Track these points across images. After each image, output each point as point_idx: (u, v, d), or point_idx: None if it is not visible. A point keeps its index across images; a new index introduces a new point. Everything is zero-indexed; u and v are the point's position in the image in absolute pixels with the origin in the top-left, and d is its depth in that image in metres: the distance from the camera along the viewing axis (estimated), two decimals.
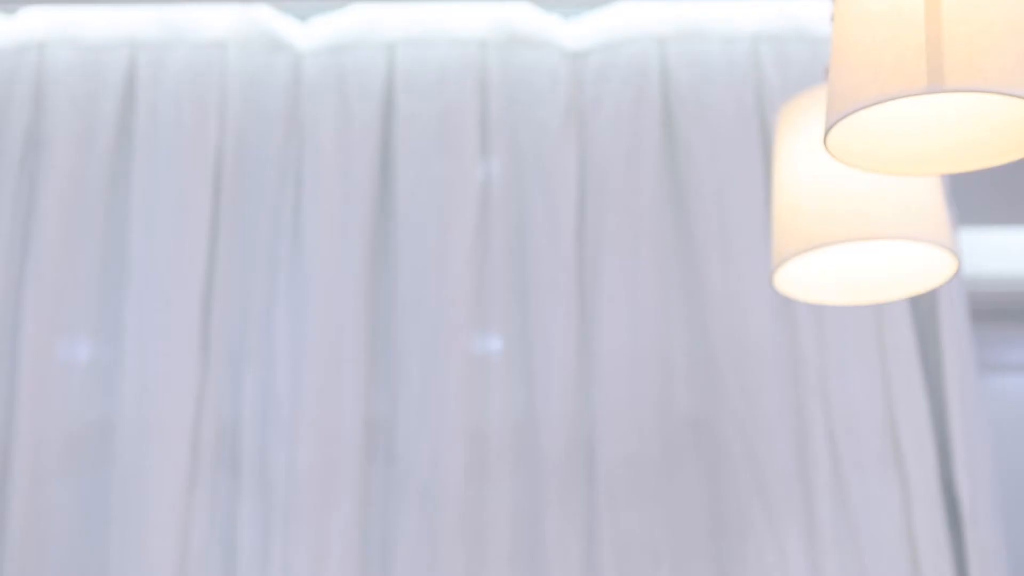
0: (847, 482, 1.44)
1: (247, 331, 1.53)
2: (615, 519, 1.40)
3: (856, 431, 1.49)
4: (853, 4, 0.93)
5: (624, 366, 1.52)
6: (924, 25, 0.88)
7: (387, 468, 1.44)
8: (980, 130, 0.95)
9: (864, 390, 1.51)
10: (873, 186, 1.15)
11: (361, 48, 1.63)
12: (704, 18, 1.67)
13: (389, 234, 1.60)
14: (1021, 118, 0.94)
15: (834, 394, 1.50)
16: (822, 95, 1.17)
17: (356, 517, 1.40)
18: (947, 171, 0.97)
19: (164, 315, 1.52)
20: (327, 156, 1.60)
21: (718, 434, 1.46)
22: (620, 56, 1.64)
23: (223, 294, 1.54)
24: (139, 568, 1.32)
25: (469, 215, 1.60)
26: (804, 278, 1.24)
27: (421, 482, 1.42)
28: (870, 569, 1.35)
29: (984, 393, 1.61)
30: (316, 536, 1.37)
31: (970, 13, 0.88)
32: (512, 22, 1.66)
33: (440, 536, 1.38)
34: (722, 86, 1.65)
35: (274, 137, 1.62)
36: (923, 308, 1.58)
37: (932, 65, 0.86)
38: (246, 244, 1.59)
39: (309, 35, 1.67)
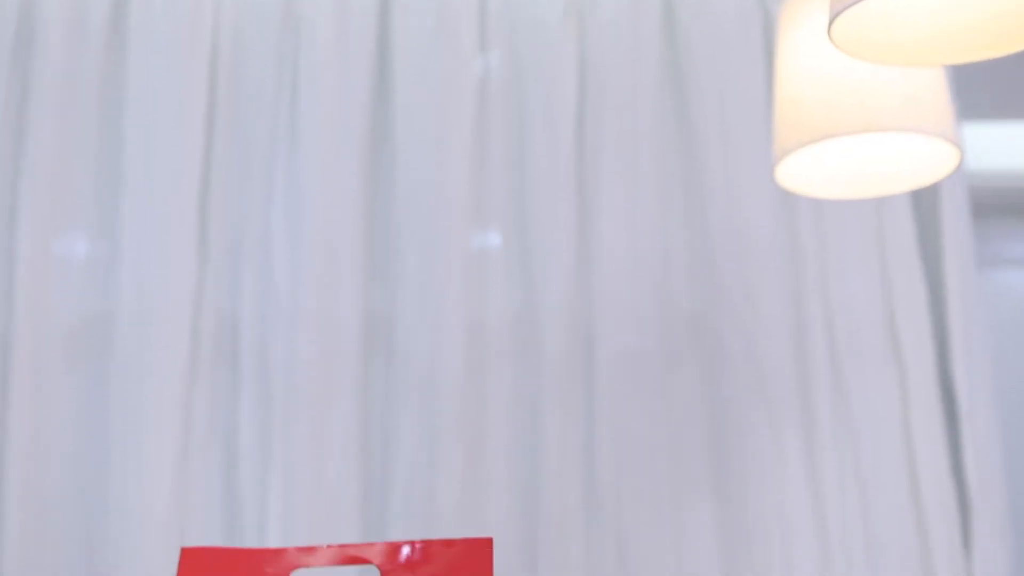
0: (845, 377, 1.45)
1: (245, 226, 1.52)
2: (613, 414, 1.41)
3: (855, 326, 1.49)
4: None
5: (623, 261, 1.51)
6: None
7: (387, 362, 1.45)
8: (985, 21, 0.94)
9: (864, 284, 1.51)
10: (876, 78, 1.13)
11: None
12: None
13: (387, 129, 1.59)
14: None
15: (833, 289, 1.50)
16: None
17: (356, 411, 1.40)
18: (950, 62, 0.96)
19: (161, 210, 1.51)
20: (324, 51, 1.59)
21: (717, 329, 1.46)
22: None
23: (220, 189, 1.53)
24: (140, 461, 1.33)
25: (467, 110, 1.59)
26: (805, 172, 1.24)
27: (421, 376, 1.42)
28: (866, 463, 1.36)
29: (984, 288, 1.61)
30: (316, 429, 1.38)
31: None
32: None
33: (440, 429, 1.39)
34: None
35: (270, 31, 1.61)
36: (924, 202, 1.57)
37: None
38: (243, 138, 1.58)
39: None
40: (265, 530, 1.30)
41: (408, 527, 1.30)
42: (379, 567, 0.91)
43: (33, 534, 1.30)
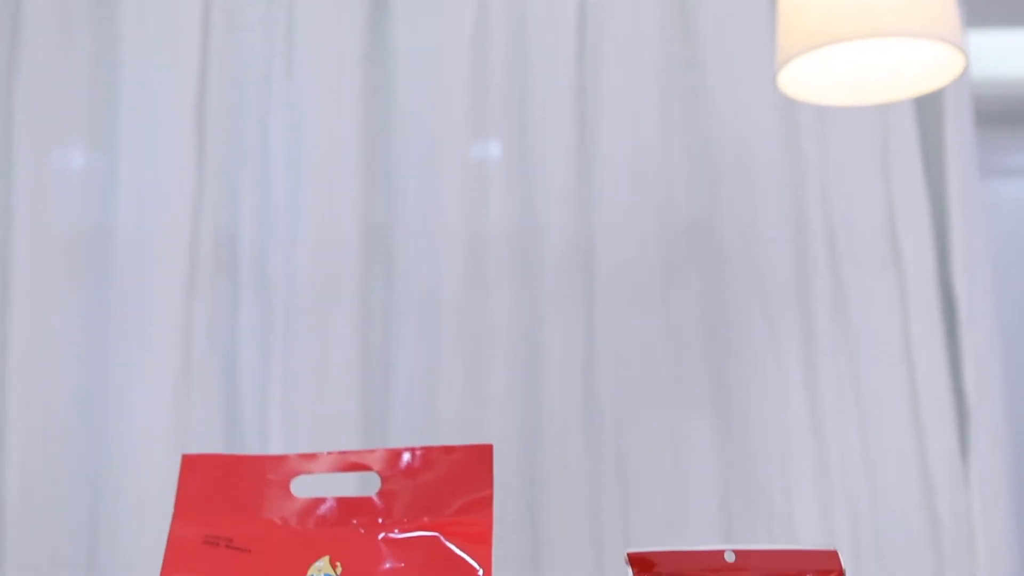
0: (845, 286, 1.44)
1: (243, 139, 1.51)
2: (613, 324, 1.41)
3: (856, 235, 1.48)
4: None
5: (624, 171, 1.50)
6: None
7: (386, 274, 1.44)
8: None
9: (865, 193, 1.50)
10: None
11: None
12: None
13: (386, 39, 1.57)
14: None
15: (835, 197, 1.49)
16: None
17: (356, 323, 1.40)
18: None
19: (158, 122, 1.50)
20: None
21: (717, 239, 1.46)
22: None
23: (217, 101, 1.52)
24: (141, 374, 1.33)
25: (467, 19, 1.57)
26: (808, 79, 1.22)
27: (420, 288, 1.42)
28: (865, 372, 1.36)
29: (986, 197, 1.61)
30: (316, 343, 1.38)
31: None
32: None
33: (439, 341, 1.39)
34: None
35: None
36: (928, 110, 1.56)
37: None
38: (240, 50, 1.56)
39: None
40: (267, 441, 1.31)
41: (408, 438, 1.31)
42: (379, 473, 0.91)
43: (35, 445, 1.30)
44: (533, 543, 1.28)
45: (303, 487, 0.93)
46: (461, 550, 0.85)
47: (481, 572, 0.83)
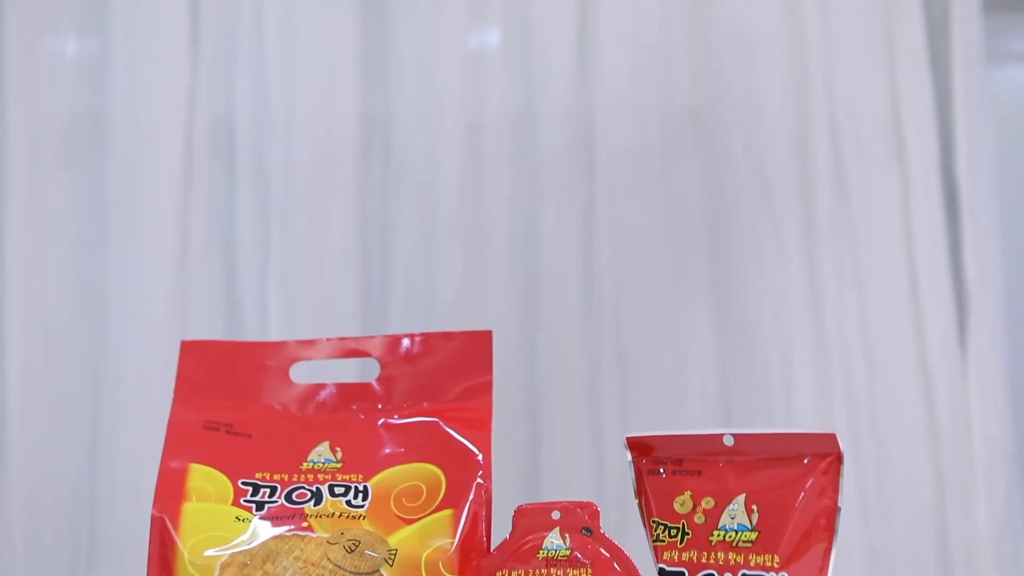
0: (847, 174, 1.43)
1: (237, 25, 1.49)
2: (613, 213, 1.40)
3: (859, 122, 1.47)
4: None
5: (624, 58, 1.49)
6: None
7: (384, 162, 1.43)
8: None
9: (869, 80, 1.49)
10: None
11: None
12: None
13: None
14: None
15: (838, 84, 1.48)
16: None
17: (354, 213, 1.40)
18: None
19: (151, 9, 1.48)
20: None
21: (718, 127, 1.45)
22: None
23: None
24: (139, 265, 1.33)
25: None
26: None
27: (419, 177, 1.41)
28: (865, 260, 1.36)
29: (992, 85, 1.59)
30: (315, 232, 1.37)
31: None
32: None
33: (439, 230, 1.38)
34: None
35: None
36: None
37: None
38: None
39: None
40: (266, 329, 1.31)
41: (408, 325, 1.31)
42: (378, 359, 0.92)
43: (33, 335, 1.30)
44: (532, 428, 1.29)
45: (302, 373, 0.93)
46: (461, 435, 0.85)
47: (481, 457, 0.83)
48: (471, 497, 0.81)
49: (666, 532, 0.76)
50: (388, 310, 1.32)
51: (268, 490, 0.83)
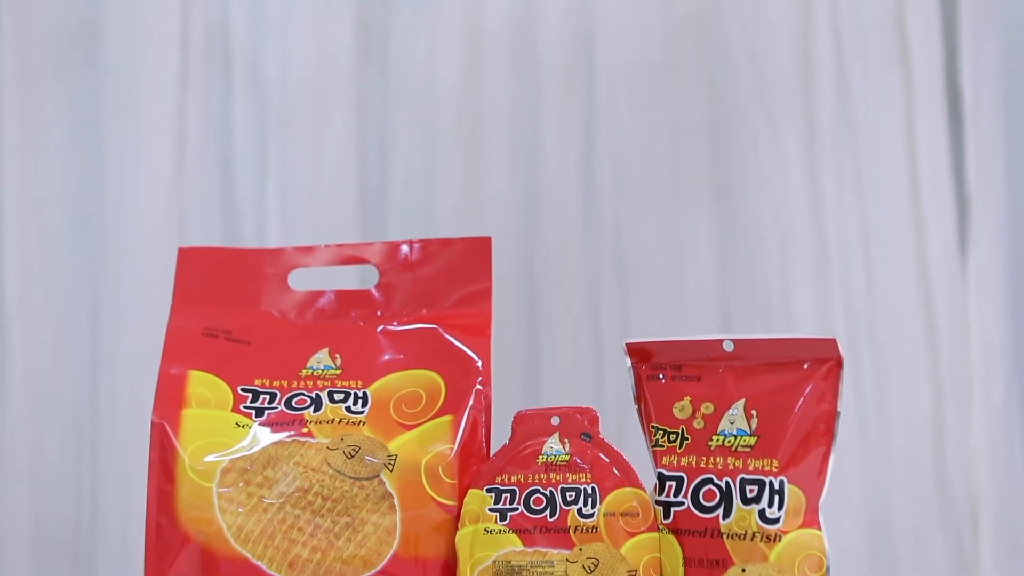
0: (850, 80, 1.42)
1: None
2: (614, 120, 1.39)
3: (863, 28, 1.45)
4: None
5: None
6: None
7: (382, 71, 1.42)
8: None
9: None
10: None
11: None
12: None
13: None
14: None
15: None
16: None
17: (352, 120, 1.38)
18: None
19: None
20: None
21: (720, 32, 1.43)
22: None
23: None
24: (135, 172, 1.32)
25: None
26: None
27: (417, 85, 1.40)
28: (867, 167, 1.35)
29: None
30: (312, 140, 1.36)
31: None
32: None
33: (437, 138, 1.37)
34: None
35: None
36: None
37: None
38: None
39: None
40: (264, 237, 1.31)
41: (406, 233, 1.30)
42: (377, 266, 0.91)
43: (31, 240, 1.30)
44: (531, 335, 1.29)
45: (301, 280, 0.93)
46: (460, 342, 0.85)
47: (480, 363, 0.83)
48: (470, 403, 0.82)
49: (665, 437, 0.76)
50: (386, 217, 1.31)
51: (268, 396, 0.83)
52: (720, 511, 0.72)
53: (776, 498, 0.71)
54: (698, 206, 1.33)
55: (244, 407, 0.82)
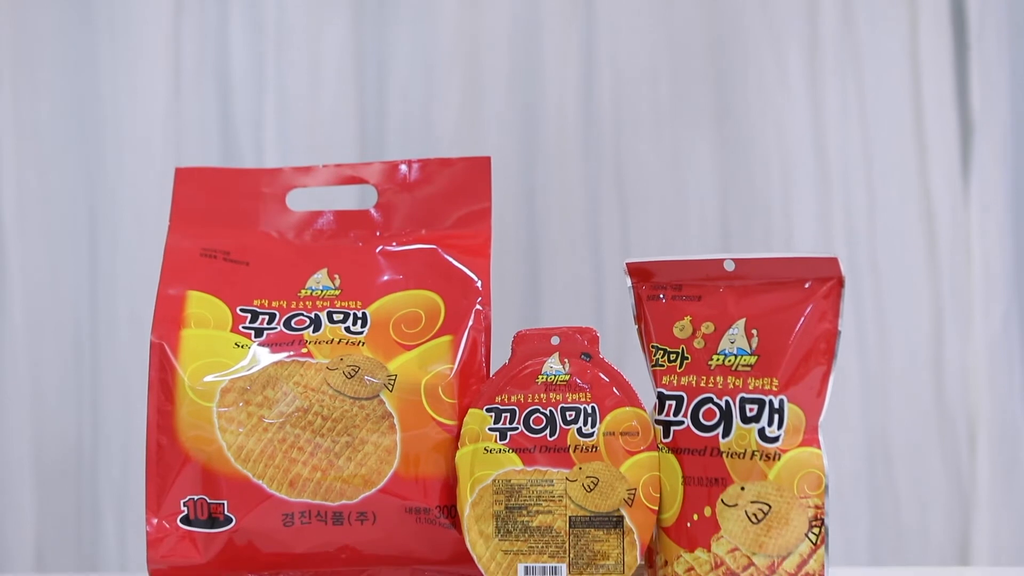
0: (854, 0, 1.40)
1: None
2: (614, 38, 1.38)
3: None
4: None
5: None
6: None
7: None
8: None
9: None
10: None
11: None
12: None
13: None
14: None
15: None
16: None
17: (351, 41, 1.37)
18: None
19: None
20: None
21: None
22: None
23: None
24: (132, 93, 1.31)
25: None
26: None
27: (416, 5, 1.38)
28: (870, 87, 1.34)
29: None
30: (310, 57, 1.35)
31: None
32: None
33: (436, 56, 1.36)
34: None
35: None
36: None
37: None
38: None
39: None
40: (261, 158, 1.30)
41: (405, 154, 1.29)
42: (376, 186, 0.91)
43: (28, 162, 1.29)
44: (531, 255, 1.29)
45: (299, 200, 0.92)
46: (459, 262, 0.85)
47: (479, 283, 0.83)
48: (470, 323, 0.82)
49: (665, 357, 0.76)
50: (385, 138, 1.31)
51: (267, 317, 0.83)
52: (720, 430, 0.72)
53: (776, 417, 0.71)
54: (699, 126, 1.32)
55: (243, 327, 0.82)
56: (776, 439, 0.71)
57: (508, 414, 0.76)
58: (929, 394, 1.26)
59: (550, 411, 0.75)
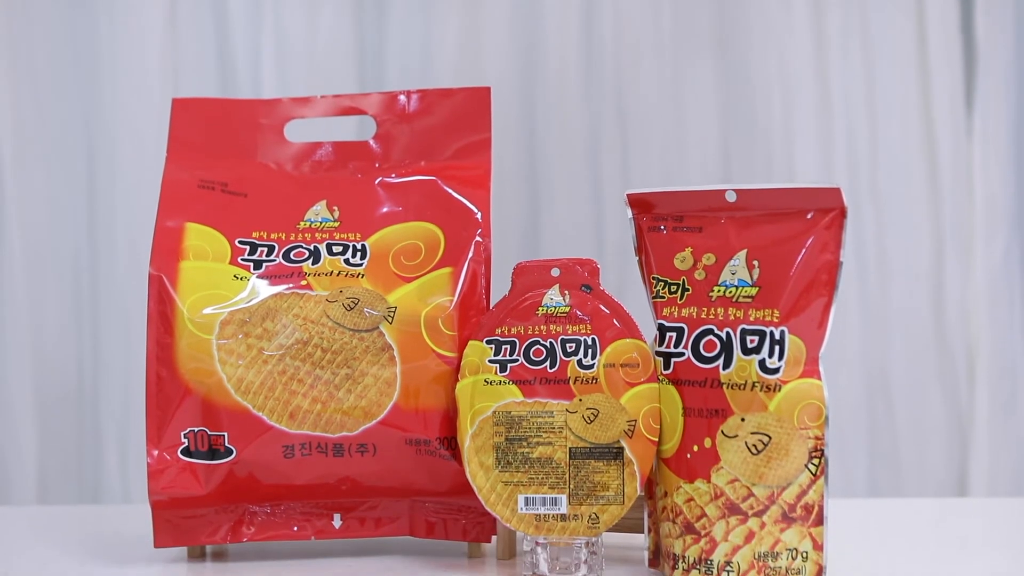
0: None
1: None
2: None
3: None
4: None
5: None
6: None
7: None
8: None
9: None
10: None
11: None
12: None
13: None
14: None
15: None
16: None
17: None
18: None
19: None
20: None
21: None
22: None
23: None
24: (128, 24, 1.29)
25: None
26: None
27: None
28: (874, 16, 1.32)
29: None
30: None
31: None
32: None
33: None
34: None
35: None
36: None
37: None
38: None
39: None
40: (259, 89, 1.29)
41: (405, 86, 1.28)
42: (375, 117, 0.90)
43: (26, 101, 1.28)
44: (531, 187, 1.28)
45: (297, 132, 0.91)
46: (459, 193, 0.84)
47: (479, 215, 0.83)
48: (470, 255, 0.81)
49: (666, 288, 0.76)
50: (384, 70, 1.29)
51: (265, 249, 0.82)
52: (720, 361, 0.72)
53: (776, 348, 0.71)
54: (700, 57, 1.31)
55: (242, 259, 0.81)
56: (777, 370, 0.71)
57: (508, 346, 0.76)
58: (929, 327, 1.26)
59: (550, 343, 0.75)
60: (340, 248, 0.83)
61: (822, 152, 1.29)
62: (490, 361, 0.76)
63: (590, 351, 0.75)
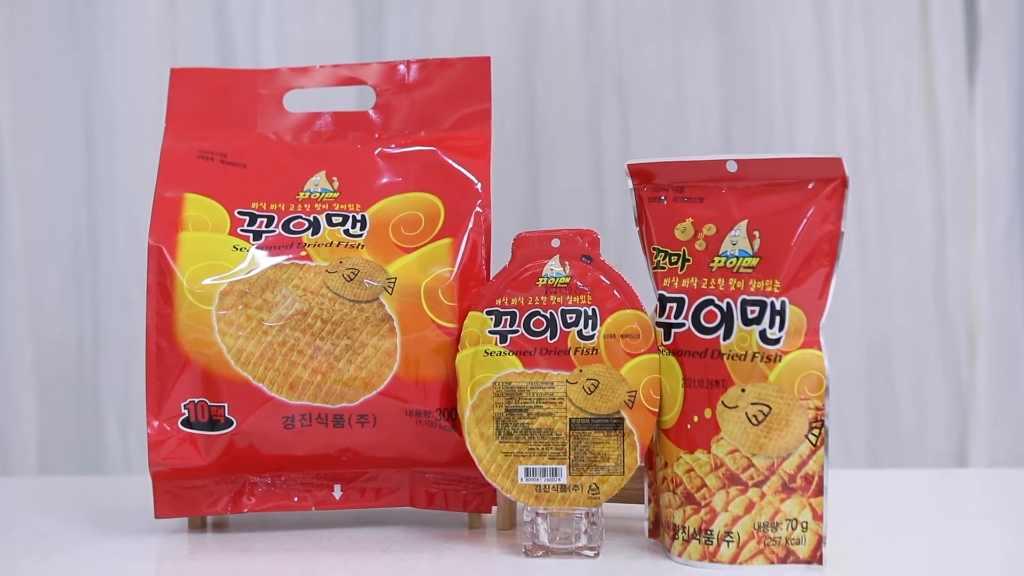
0: None
1: None
2: None
3: None
4: None
5: None
6: None
7: None
8: None
9: None
10: None
11: None
12: None
13: None
14: None
15: None
16: None
17: None
18: None
19: None
20: None
21: None
22: None
23: None
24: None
25: None
26: None
27: None
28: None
29: None
30: None
31: None
32: None
33: None
34: None
35: None
36: None
37: None
38: None
39: None
40: (258, 59, 1.28)
41: (404, 57, 1.27)
42: (375, 88, 0.89)
43: (24, 73, 1.28)
44: (531, 157, 1.28)
45: (297, 102, 0.91)
46: (459, 164, 0.84)
47: (479, 185, 0.82)
48: (470, 225, 0.81)
49: (667, 259, 0.76)
50: (383, 42, 1.29)
51: (265, 219, 0.82)
52: (721, 332, 0.72)
53: (777, 319, 0.71)
54: (701, 27, 1.30)
55: (241, 230, 0.81)
56: (777, 341, 0.71)
57: (508, 317, 0.76)
58: (930, 300, 1.26)
59: (551, 313, 0.75)
60: (340, 219, 0.83)
61: (823, 125, 1.28)
62: (490, 332, 0.76)
63: (590, 322, 0.75)
